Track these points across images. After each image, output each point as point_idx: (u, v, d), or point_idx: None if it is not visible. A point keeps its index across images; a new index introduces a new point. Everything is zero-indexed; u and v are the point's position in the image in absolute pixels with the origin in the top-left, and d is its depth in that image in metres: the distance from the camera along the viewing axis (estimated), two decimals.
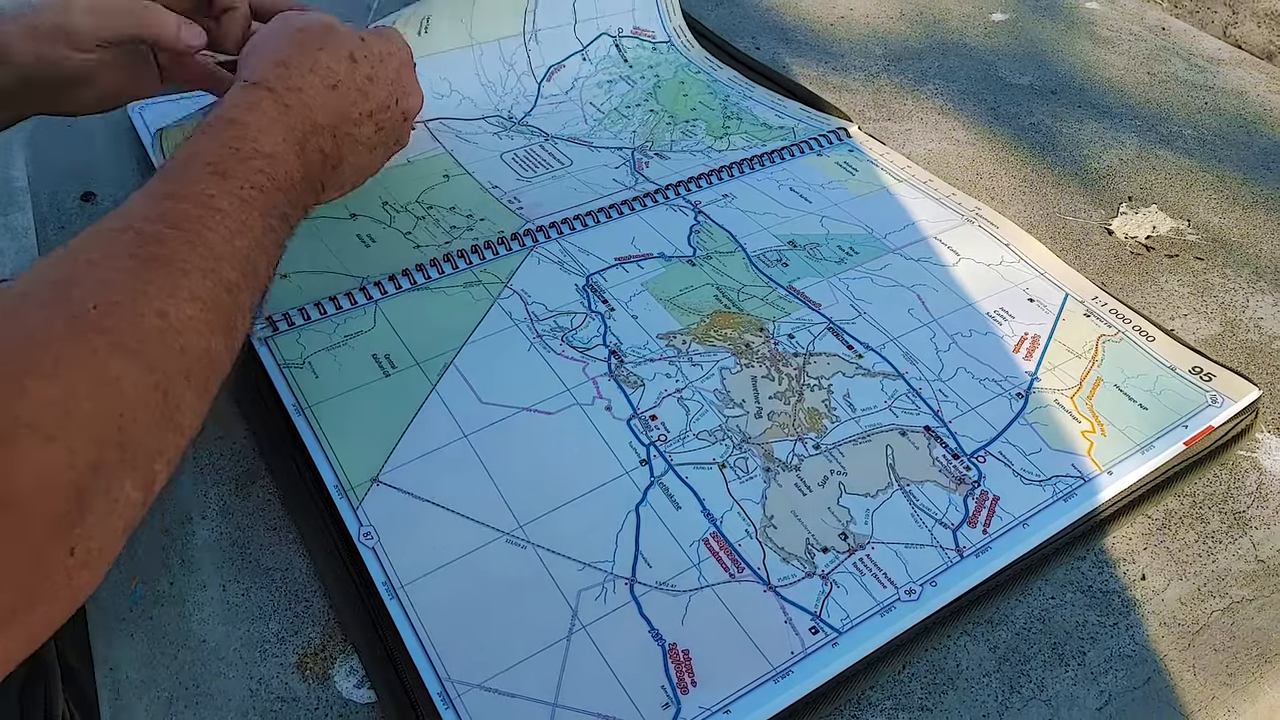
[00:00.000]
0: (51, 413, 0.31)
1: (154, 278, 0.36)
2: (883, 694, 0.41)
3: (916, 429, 0.50)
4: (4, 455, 0.30)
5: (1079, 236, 0.64)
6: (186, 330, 0.36)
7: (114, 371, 0.33)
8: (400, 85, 0.54)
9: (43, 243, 0.65)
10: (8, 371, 0.31)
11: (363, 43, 0.52)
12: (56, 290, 0.34)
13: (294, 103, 0.47)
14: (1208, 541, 0.47)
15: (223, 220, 0.40)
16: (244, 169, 0.42)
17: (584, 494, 0.46)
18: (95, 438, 0.32)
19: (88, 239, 0.37)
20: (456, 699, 0.38)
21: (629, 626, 0.41)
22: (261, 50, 0.49)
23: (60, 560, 0.31)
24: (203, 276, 0.38)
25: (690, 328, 0.55)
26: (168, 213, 0.38)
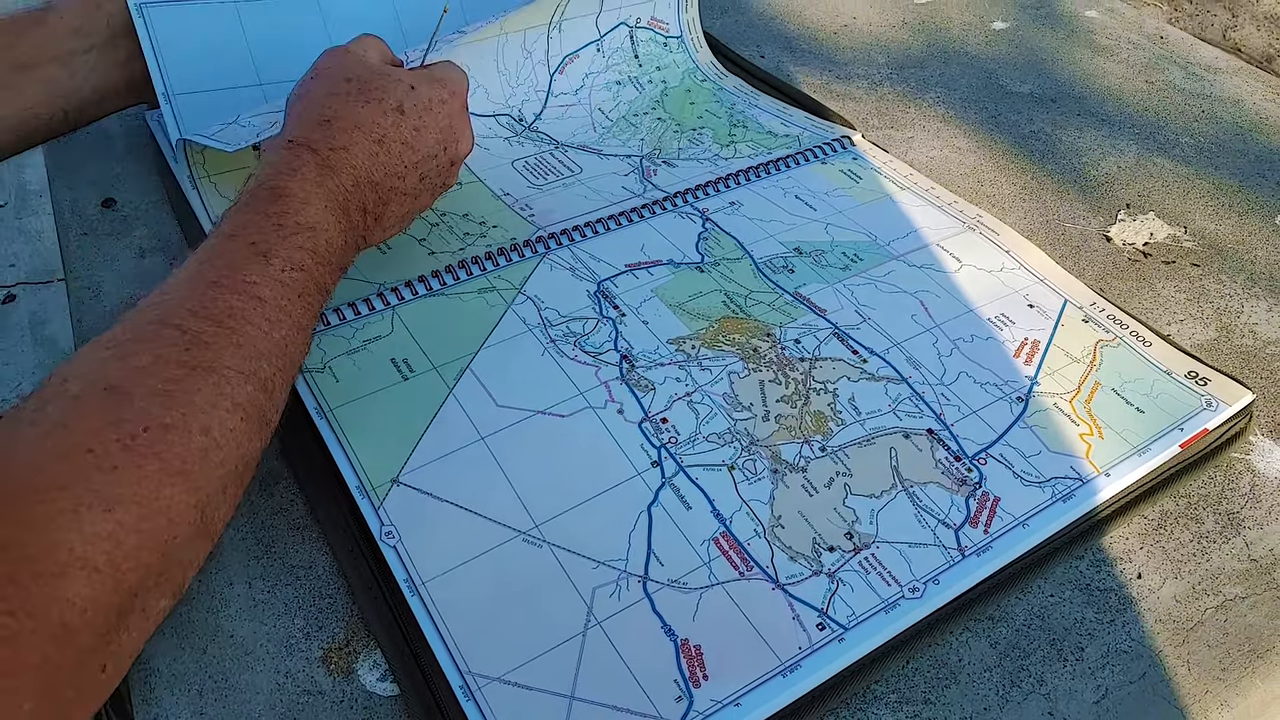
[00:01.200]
0: (103, 546, 0.32)
1: (201, 388, 0.37)
2: (887, 688, 0.42)
3: (919, 432, 0.51)
4: (57, 588, 0.31)
5: (1078, 243, 0.66)
6: (227, 444, 0.37)
7: (163, 501, 0.34)
8: (451, 132, 0.54)
9: (65, 249, 0.66)
10: (68, 500, 0.32)
11: (412, 91, 0.52)
12: (109, 403, 0.35)
13: (337, 163, 0.47)
14: (1202, 541, 0.49)
15: (264, 311, 0.41)
16: (286, 247, 0.43)
17: (597, 494, 0.47)
18: (139, 566, 0.33)
19: (137, 332, 0.38)
20: (477, 691, 0.40)
21: (642, 622, 0.42)
22: (308, 102, 0.50)
23: (93, 676, 0.33)
24: (244, 381, 0.39)
25: (699, 333, 0.56)
26: (211, 305, 0.39)
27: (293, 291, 0.42)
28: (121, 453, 0.34)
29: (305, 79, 0.52)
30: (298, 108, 0.50)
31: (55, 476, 0.33)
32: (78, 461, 0.33)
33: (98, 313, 0.59)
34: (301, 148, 0.47)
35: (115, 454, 0.34)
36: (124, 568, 0.33)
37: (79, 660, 0.32)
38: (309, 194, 0.45)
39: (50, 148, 0.73)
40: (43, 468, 0.33)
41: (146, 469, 0.34)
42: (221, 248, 0.42)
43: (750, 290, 0.59)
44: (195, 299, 0.40)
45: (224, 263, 0.41)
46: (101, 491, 0.33)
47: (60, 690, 0.31)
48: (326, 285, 0.46)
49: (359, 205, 0.48)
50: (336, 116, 0.49)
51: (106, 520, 0.32)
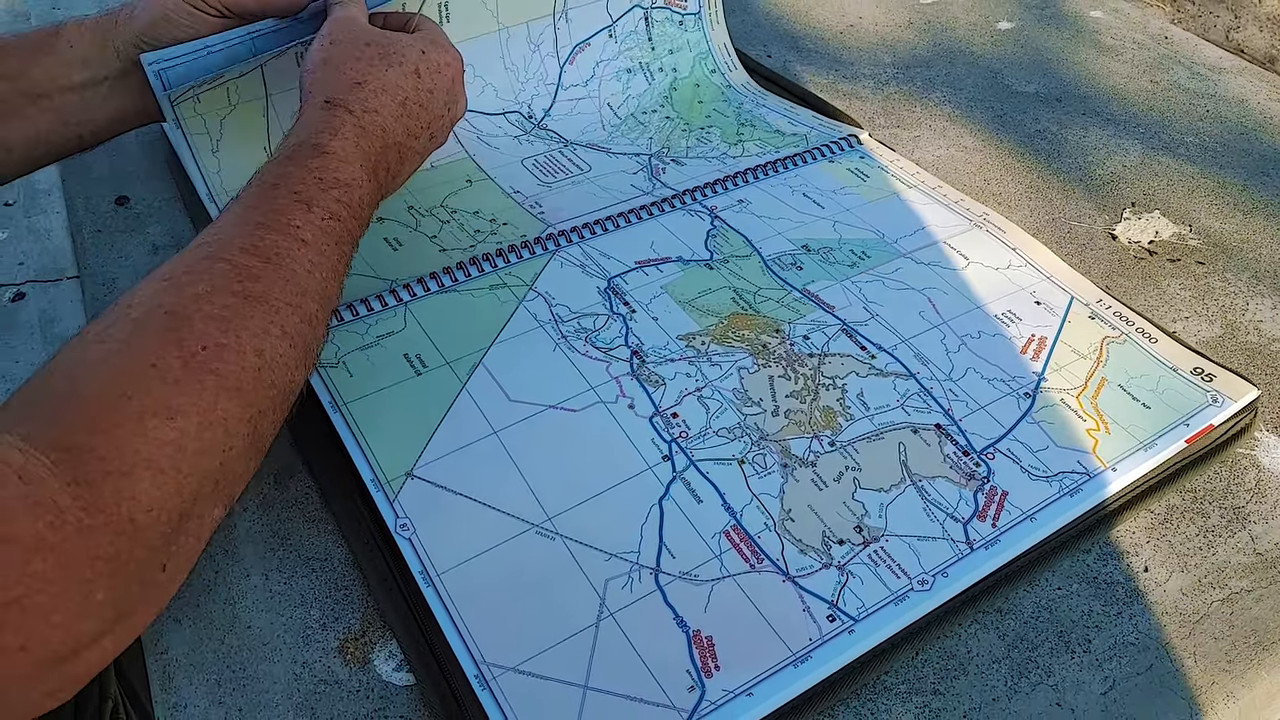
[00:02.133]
0: (167, 451, 0.34)
1: (253, 315, 0.39)
2: (897, 679, 0.43)
3: (928, 427, 0.51)
4: (125, 486, 0.33)
5: (1084, 241, 0.66)
6: (277, 367, 0.40)
7: (220, 413, 0.37)
8: (453, 94, 0.56)
9: (79, 246, 0.67)
10: (134, 408, 0.34)
11: (424, 55, 0.54)
12: (169, 324, 0.37)
13: (370, 125, 0.49)
14: (1208, 535, 0.49)
15: (306, 253, 0.43)
16: (326, 198, 0.45)
17: (609, 488, 0.48)
18: (200, 471, 0.36)
19: (191, 266, 0.40)
20: (492, 681, 0.40)
21: (655, 614, 0.43)
22: (337, 66, 0.51)
23: (155, 574, 0.35)
24: (291, 312, 0.41)
25: (709, 329, 0.57)
26: (260, 244, 0.42)
27: (330, 239, 0.45)
28: (182, 368, 0.36)
29: (321, 44, 0.53)
30: (323, 72, 0.51)
31: (121, 387, 0.35)
32: (142, 375, 0.35)
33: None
34: (339, 108, 0.49)
35: (176, 369, 0.36)
36: (185, 472, 0.35)
37: (145, 557, 0.34)
38: (348, 153, 0.47)
39: None
40: (109, 380, 0.35)
41: (205, 383, 0.36)
42: (266, 195, 0.44)
43: (759, 287, 0.60)
44: (245, 237, 0.42)
45: (269, 207, 0.43)
46: (165, 401, 0.35)
47: (128, 584, 0.33)
48: (356, 237, 0.48)
49: (385, 166, 0.50)
50: (365, 79, 0.51)
51: (169, 428, 0.35)
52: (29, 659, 0.31)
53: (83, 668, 0.34)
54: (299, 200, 0.44)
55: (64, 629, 0.31)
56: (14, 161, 0.57)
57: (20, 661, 0.31)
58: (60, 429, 0.33)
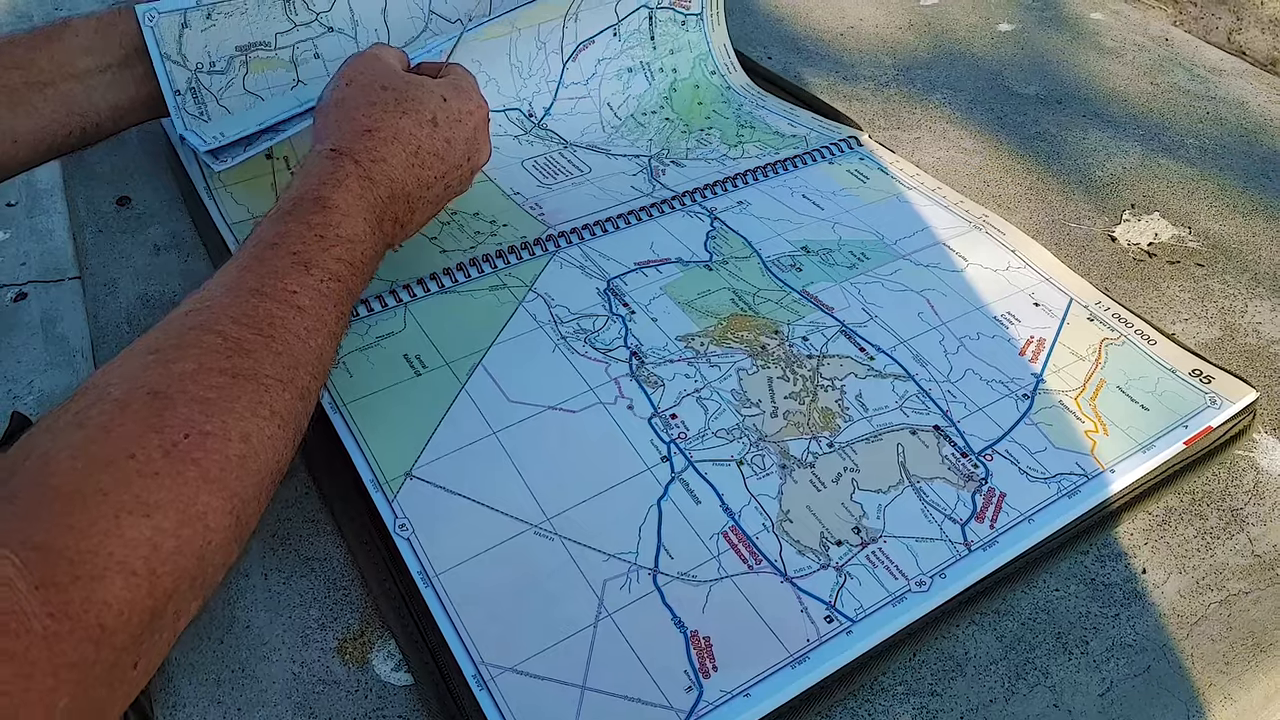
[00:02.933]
0: (141, 551, 0.33)
1: (241, 395, 0.38)
2: (895, 679, 0.43)
3: (926, 428, 0.52)
4: (95, 590, 0.32)
5: (1083, 243, 0.66)
6: (264, 451, 0.38)
7: (200, 507, 0.35)
8: (474, 144, 0.55)
9: (80, 246, 0.67)
10: (109, 505, 0.33)
11: (444, 104, 0.53)
12: (151, 409, 0.36)
13: (378, 175, 0.49)
14: (1206, 537, 0.49)
15: (302, 320, 0.42)
16: (326, 258, 0.44)
17: (608, 489, 0.48)
18: (175, 570, 0.34)
19: (179, 337, 0.39)
20: (490, 681, 0.40)
21: (652, 614, 0.43)
22: (349, 110, 0.50)
23: (126, 673, 0.33)
24: (282, 389, 0.40)
25: (708, 330, 0.57)
26: (253, 313, 0.41)
27: (330, 301, 0.44)
28: (162, 459, 0.35)
29: (337, 84, 0.52)
30: (335, 115, 0.50)
31: (98, 481, 0.33)
32: (120, 467, 0.34)
33: (114, 309, 0.59)
34: (345, 158, 0.48)
35: (156, 460, 0.35)
36: (160, 572, 0.33)
37: (114, 660, 0.32)
38: (351, 207, 0.46)
39: None
40: (85, 472, 0.34)
41: (186, 475, 0.35)
42: (263, 256, 0.43)
43: (758, 288, 0.60)
44: (237, 306, 0.41)
45: (266, 270, 0.42)
46: (142, 497, 0.34)
47: (95, 688, 0.32)
48: (356, 293, 0.47)
49: (392, 217, 0.49)
50: (377, 127, 0.50)
51: (145, 525, 0.33)
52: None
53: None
54: (297, 262, 0.43)
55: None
56: (20, 154, 0.58)
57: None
58: (30, 525, 0.32)
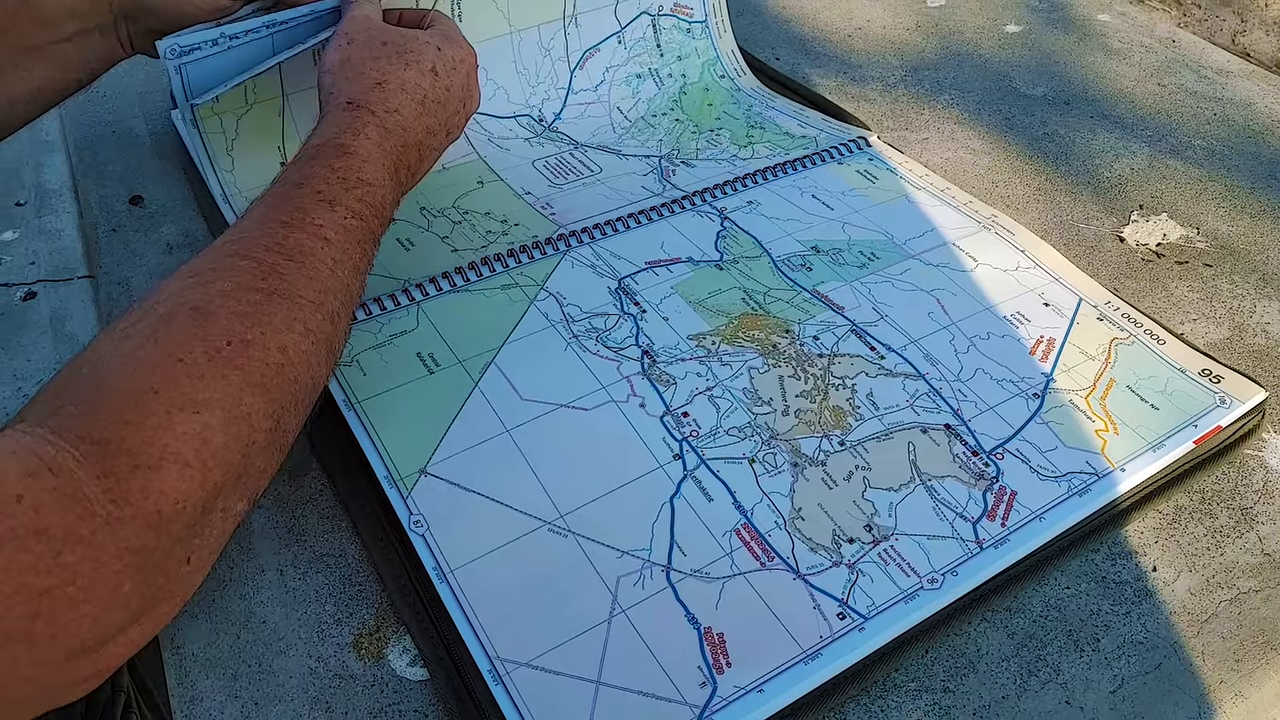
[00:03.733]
0: (192, 444, 0.35)
1: (276, 312, 0.40)
2: (907, 676, 0.43)
3: (937, 427, 0.52)
4: (153, 480, 0.34)
5: (1092, 243, 0.67)
6: (300, 363, 0.40)
7: (245, 407, 0.37)
8: (468, 90, 0.57)
9: (91, 244, 0.67)
10: (160, 402, 0.35)
11: (440, 53, 0.54)
12: (195, 320, 0.38)
13: (392, 125, 0.50)
14: (1216, 536, 0.49)
15: (330, 251, 0.44)
16: (349, 198, 0.46)
17: (621, 486, 0.48)
18: (224, 465, 0.36)
19: (216, 263, 0.41)
20: (505, 676, 0.41)
21: (666, 611, 0.43)
22: (357, 66, 0.52)
23: (180, 567, 0.36)
24: (314, 309, 0.42)
25: (719, 329, 0.57)
26: (284, 242, 0.42)
27: (353, 237, 0.45)
28: (207, 363, 0.37)
29: (339, 44, 0.54)
30: (344, 72, 0.52)
31: (149, 381, 0.35)
32: (169, 369, 0.36)
33: (127, 306, 0.60)
34: (362, 109, 0.50)
35: (202, 364, 0.37)
36: (211, 465, 0.35)
37: (170, 549, 0.34)
38: (370, 153, 0.48)
39: (77, 146, 0.74)
40: (137, 375, 0.36)
41: (230, 378, 0.37)
42: (290, 194, 0.45)
43: (769, 288, 0.60)
44: (269, 236, 0.43)
45: (293, 206, 0.44)
46: (191, 395, 0.36)
47: (154, 576, 0.34)
48: (378, 236, 0.49)
49: (406, 165, 0.51)
50: (385, 79, 0.51)
51: (195, 421, 0.35)
52: (60, 648, 0.31)
53: (110, 658, 0.34)
54: (322, 200, 0.45)
55: (93, 620, 0.32)
56: (20, 113, 0.60)
57: (52, 651, 0.31)
58: (89, 422, 0.34)
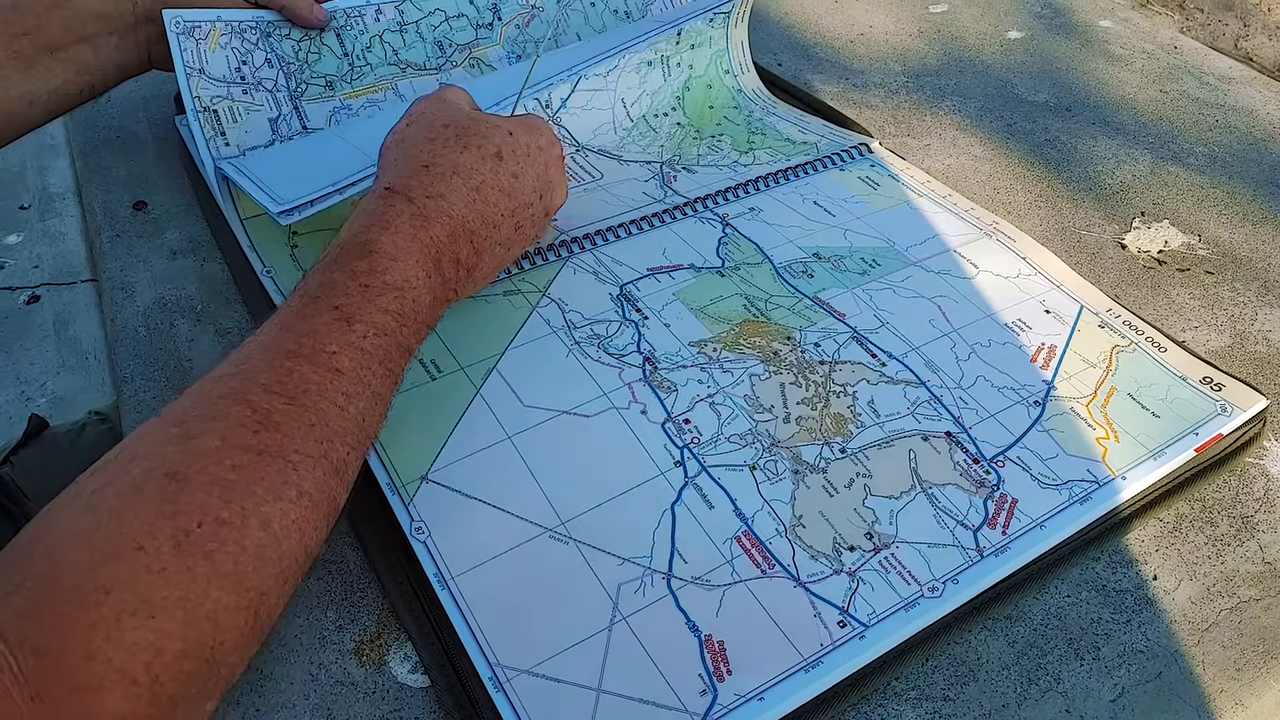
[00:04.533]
0: (142, 656, 0.31)
1: (265, 476, 0.35)
2: (907, 684, 0.43)
3: (938, 434, 0.52)
4: (93, 703, 0.30)
5: (1093, 250, 0.67)
6: (287, 537, 0.36)
7: (210, 604, 0.33)
8: (547, 181, 0.53)
9: (98, 250, 0.67)
10: (111, 606, 0.31)
11: (510, 137, 0.51)
12: (168, 491, 0.34)
13: (433, 212, 0.46)
14: (1217, 544, 0.49)
15: (341, 384, 0.39)
16: (370, 309, 0.41)
17: (622, 493, 0.48)
18: (180, 676, 0.32)
19: (206, 409, 0.36)
20: (506, 683, 0.41)
21: (667, 618, 0.43)
22: (408, 148, 0.49)
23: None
24: (313, 465, 0.37)
25: (720, 336, 0.57)
26: (286, 379, 0.38)
27: (374, 359, 0.41)
28: (172, 552, 0.33)
29: (399, 126, 0.51)
30: (394, 154, 0.49)
31: (101, 578, 0.31)
32: (126, 561, 0.32)
33: (131, 313, 0.60)
34: (397, 195, 0.46)
35: (165, 553, 0.32)
36: (163, 678, 0.31)
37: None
38: (400, 249, 0.44)
39: (82, 151, 0.75)
40: (90, 566, 0.32)
41: (196, 571, 0.33)
42: (304, 311, 0.41)
43: (770, 294, 0.60)
44: (270, 372, 0.38)
45: (305, 329, 0.40)
46: (147, 596, 0.32)
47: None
48: (410, 346, 0.44)
49: (452, 257, 0.46)
50: (434, 162, 0.48)
51: (148, 629, 0.31)
52: None
53: None
54: (339, 317, 0.40)
55: None
56: (35, 114, 0.61)
57: None
58: (32, 623, 0.30)
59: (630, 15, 0.80)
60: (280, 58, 0.67)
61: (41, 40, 0.59)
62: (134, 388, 0.55)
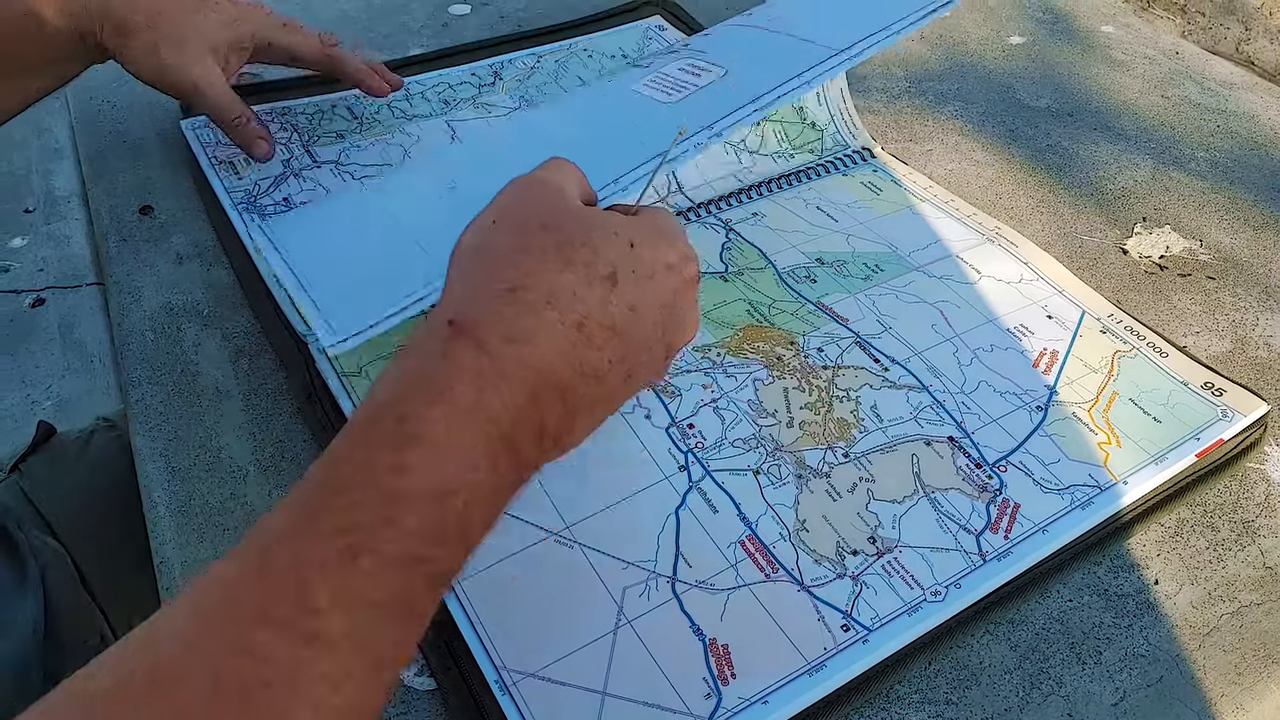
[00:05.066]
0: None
1: None
2: (910, 688, 0.43)
3: (941, 439, 0.52)
4: None
5: (1095, 255, 0.67)
6: None
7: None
8: (674, 312, 0.38)
9: (103, 255, 0.68)
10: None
11: (631, 251, 0.35)
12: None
13: (512, 366, 0.31)
14: (1218, 549, 0.50)
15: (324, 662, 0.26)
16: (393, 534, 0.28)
17: (626, 497, 0.49)
18: None
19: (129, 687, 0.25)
20: (512, 686, 0.41)
21: (671, 622, 0.44)
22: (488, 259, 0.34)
23: None
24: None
25: (724, 341, 0.57)
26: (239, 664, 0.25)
27: (384, 612, 0.28)
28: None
29: (483, 220, 0.36)
30: (468, 264, 0.35)
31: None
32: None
33: (137, 317, 0.60)
34: (464, 338, 0.31)
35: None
36: None
37: None
38: (454, 432, 0.30)
39: (88, 156, 0.75)
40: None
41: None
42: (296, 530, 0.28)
43: (773, 299, 0.60)
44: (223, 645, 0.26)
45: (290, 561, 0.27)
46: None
47: None
48: (451, 572, 0.31)
49: (534, 429, 0.32)
50: (525, 284, 0.33)
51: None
52: None
53: None
54: (343, 549, 0.27)
55: None
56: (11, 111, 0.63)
57: None
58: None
59: (627, 56, 0.81)
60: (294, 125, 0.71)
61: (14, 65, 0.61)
62: (140, 392, 0.55)
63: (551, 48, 0.82)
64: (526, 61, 0.80)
